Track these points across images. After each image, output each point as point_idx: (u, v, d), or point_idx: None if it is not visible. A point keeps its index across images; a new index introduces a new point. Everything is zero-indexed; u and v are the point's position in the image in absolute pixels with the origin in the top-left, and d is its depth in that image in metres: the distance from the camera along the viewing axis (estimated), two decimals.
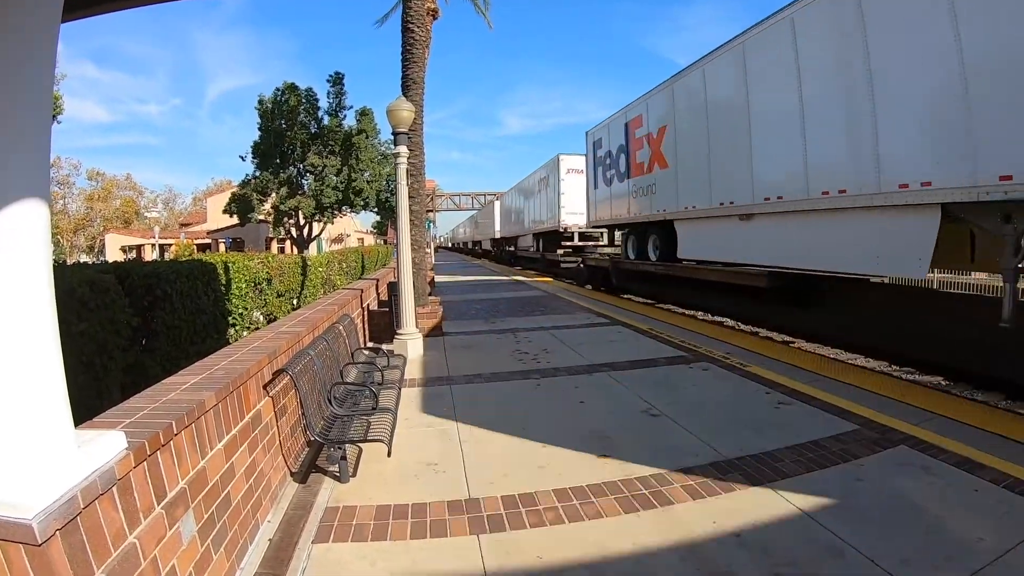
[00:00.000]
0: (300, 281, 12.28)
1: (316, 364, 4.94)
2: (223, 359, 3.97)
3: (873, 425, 5.18)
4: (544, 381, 7.28)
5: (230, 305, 8.55)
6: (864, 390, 6.24)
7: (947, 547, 3.25)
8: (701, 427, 5.34)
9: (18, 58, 1.82)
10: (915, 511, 3.66)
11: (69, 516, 1.85)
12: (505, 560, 3.31)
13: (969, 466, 4.23)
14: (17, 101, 1.83)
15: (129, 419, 2.58)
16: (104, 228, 65.62)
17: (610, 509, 3.88)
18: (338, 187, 33.69)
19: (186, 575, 2.54)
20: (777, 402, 6.01)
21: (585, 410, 6.05)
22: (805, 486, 4.08)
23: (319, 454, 4.81)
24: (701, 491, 4.08)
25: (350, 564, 3.32)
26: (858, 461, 4.45)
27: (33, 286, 1.88)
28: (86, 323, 4.94)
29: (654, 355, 8.54)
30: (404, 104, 8.99)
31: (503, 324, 12.14)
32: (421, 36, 10.87)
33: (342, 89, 33.97)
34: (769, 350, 8.69)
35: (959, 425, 5.07)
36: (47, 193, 1.96)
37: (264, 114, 32.84)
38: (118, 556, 2.08)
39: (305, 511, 3.91)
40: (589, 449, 4.94)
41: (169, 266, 7.09)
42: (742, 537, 3.45)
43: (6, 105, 1.80)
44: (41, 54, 1.90)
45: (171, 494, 2.53)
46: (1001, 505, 3.69)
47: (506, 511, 3.90)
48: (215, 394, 3.10)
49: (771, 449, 4.74)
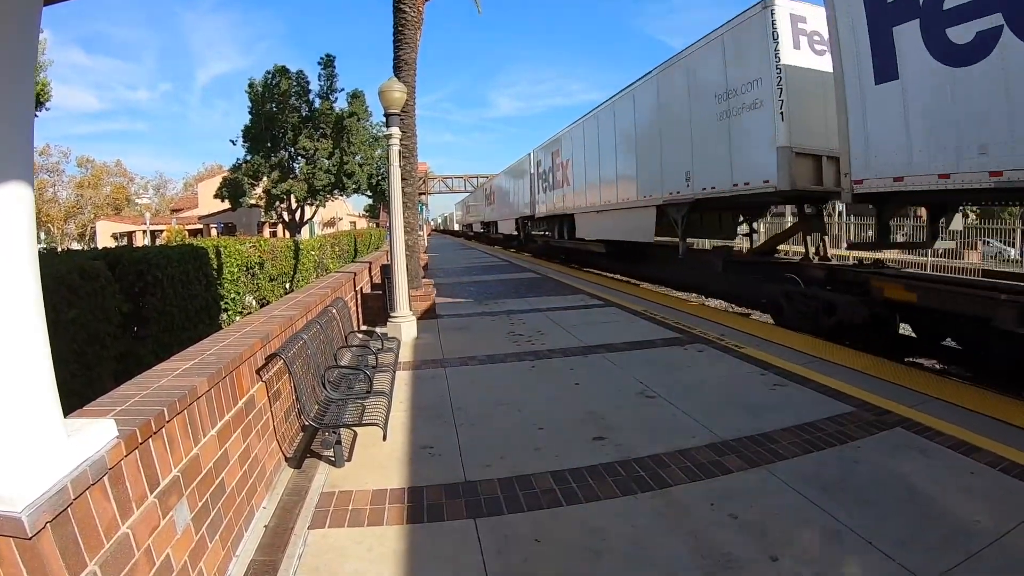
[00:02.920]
0: (292, 265, 12.20)
1: (310, 348, 4.90)
2: (215, 344, 3.92)
3: (869, 407, 5.18)
4: (539, 363, 7.26)
5: (222, 290, 8.48)
6: (859, 372, 6.25)
7: (944, 529, 3.25)
8: (697, 409, 5.34)
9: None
10: (912, 493, 3.67)
11: (59, 508, 1.80)
12: (503, 544, 3.30)
13: (965, 449, 4.24)
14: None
15: (120, 407, 2.53)
16: (95, 215, 65.10)
17: (608, 491, 3.87)
18: (330, 170, 33.43)
19: (181, 564, 2.51)
20: (773, 384, 6.01)
21: (581, 392, 6.04)
22: (802, 468, 4.08)
23: (314, 439, 4.78)
24: (699, 473, 4.07)
25: (347, 549, 3.30)
26: (855, 443, 4.45)
27: (17, 272, 1.82)
28: (76, 310, 4.87)
29: (649, 336, 8.53)
30: (396, 85, 8.89)
31: (497, 306, 12.12)
32: (413, 17, 10.71)
33: (333, 72, 33.64)
34: (763, 332, 8.70)
35: (955, 408, 5.08)
36: (30, 176, 1.90)
37: (255, 98, 32.45)
38: (111, 547, 2.04)
39: (300, 497, 3.89)
40: (585, 431, 4.93)
41: (160, 251, 7.01)
42: (739, 519, 3.45)
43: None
44: (22, 30, 1.83)
45: (164, 482, 2.49)
46: (997, 488, 3.69)
47: (503, 494, 3.89)
48: (207, 380, 3.06)
49: (768, 431, 4.74)
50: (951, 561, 2.96)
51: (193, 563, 2.63)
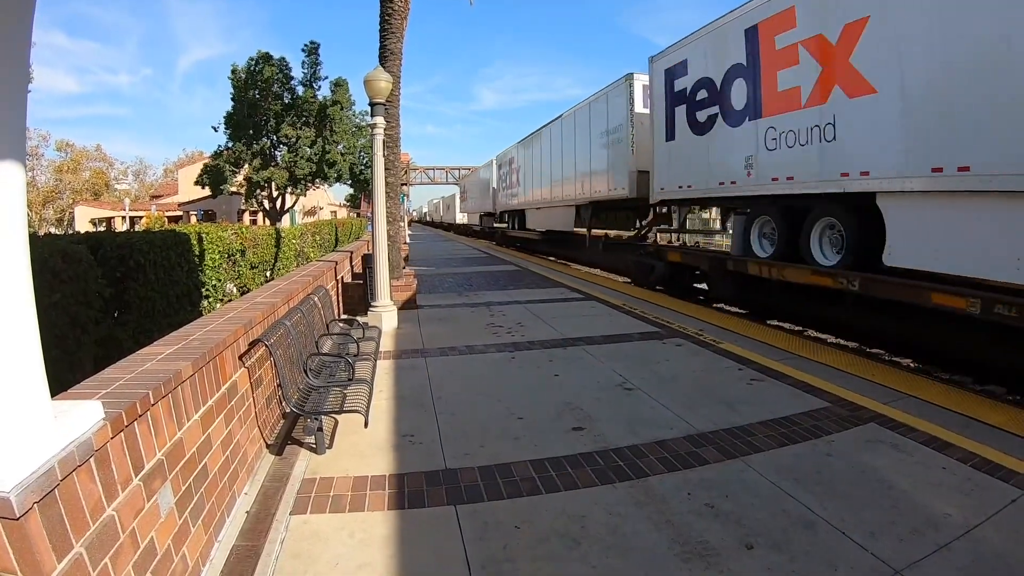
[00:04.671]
0: (274, 253, 12.09)
1: (292, 335, 4.90)
2: (198, 329, 3.91)
3: (843, 403, 5.30)
4: (519, 354, 7.31)
5: (204, 276, 8.39)
6: (835, 369, 6.38)
7: (914, 521, 3.35)
8: (675, 401, 5.42)
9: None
10: (884, 486, 3.77)
11: (47, 488, 1.80)
12: (483, 530, 3.34)
13: (937, 444, 4.35)
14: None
15: (105, 389, 2.53)
16: (73, 200, 63.67)
17: (586, 480, 3.93)
18: (312, 159, 33.12)
19: (164, 548, 2.52)
20: (750, 378, 6.11)
21: (560, 383, 6.10)
22: (777, 460, 4.18)
23: (295, 426, 4.80)
24: (676, 463, 4.15)
25: (328, 535, 3.32)
26: (829, 437, 4.56)
27: (8, 253, 1.82)
28: (59, 295, 4.81)
29: (628, 330, 8.61)
30: (382, 75, 8.85)
31: (477, 297, 12.16)
32: (399, 7, 10.65)
33: (317, 59, 33.34)
34: (741, 327, 8.81)
35: (928, 405, 5.20)
36: (22, 156, 1.89)
37: (237, 84, 32.03)
38: (96, 529, 2.05)
39: (282, 483, 3.90)
40: (564, 421, 4.99)
41: (143, 237, 6.92)
42: (716, 508, 3.53)
43: None
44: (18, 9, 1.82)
45: (148, 465, 2.49)
46: (968, 483, 3.80)
47: (483, 482, 3.93)
48: (191, 364, 3.06)
49: (744, 424, 4.84)
50: (921, 552, 3.05)
51: (176, 547, 2.64)
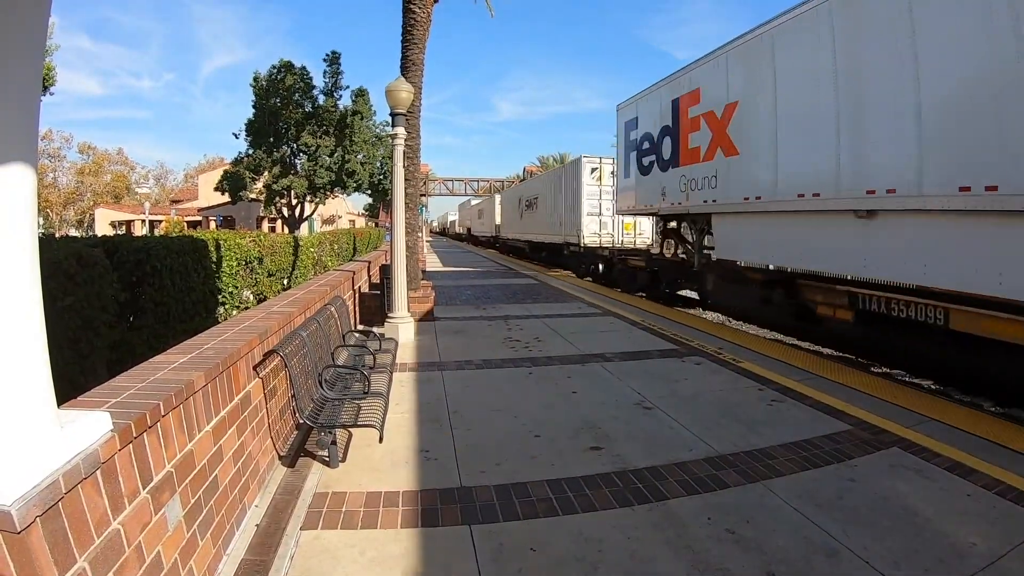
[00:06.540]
0: (291, 261, 12.14)
1: (307, 345, 4.86)
2: (213, 338, 3.87)
3: (865, 426, 5.16)
4: (536, 370, 7.23)
5: (220, 283, 8.42)
6: (856, 390, 6.23)
7: (940, 550, 3.23)
8: (695, 422, 5.31)
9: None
10: (908, 513, 3.64)
11: (50, 502, 1.75)
12: (498, 552, 3.25)
13: (961, 471, 4.22)
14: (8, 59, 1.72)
15: (115, 399, 2.48)
16: (94, 203, 64.67)
17: (604, 502, 3.83)
18: (331, 168, 33.30)
19: (171, 562, 2.46)
20: (770, 399, 5.98)
21: (578, 400, 6.00)
22: (799, 484, 4.06)
23: (308, 438, 4.74)
24: (696, 486, 4.04)
25: (339, 552, 3.25)
26: (851, 461, 4.43)
27: (15, 258, 1.78)
28: (72, 297, 4.81)
29: (646, 347, 8.50)
30: (404, 85, 8.86)
31: (495, 311, 12.09)
32: (422, 17, 10.71)
33: (338, 69, 33.54)
34: (761, 346, 8.67)
35: (950, 429, 5.06)
36: (34, 159, 1.85)
37: (259, 92, 32.32)
38: (101, 543, 1.99)
39: (293, 496, 3.84)
40: (582, 440, 4.89)
41: (159, 242, 6.95)
42: (736, 534, 3.42)
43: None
44: (33, 11, 1.79)
45: (157, 478, 2.44)
46: (993, 511, 3.67)
47: (499, 501, 3.85)
48: (204, 374, 3.01)
49: (765, 446, 4.72)
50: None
51: (183, 561, 2.58)
